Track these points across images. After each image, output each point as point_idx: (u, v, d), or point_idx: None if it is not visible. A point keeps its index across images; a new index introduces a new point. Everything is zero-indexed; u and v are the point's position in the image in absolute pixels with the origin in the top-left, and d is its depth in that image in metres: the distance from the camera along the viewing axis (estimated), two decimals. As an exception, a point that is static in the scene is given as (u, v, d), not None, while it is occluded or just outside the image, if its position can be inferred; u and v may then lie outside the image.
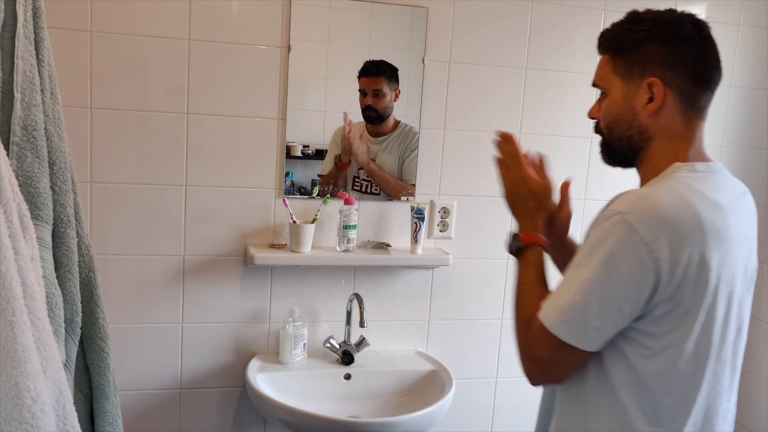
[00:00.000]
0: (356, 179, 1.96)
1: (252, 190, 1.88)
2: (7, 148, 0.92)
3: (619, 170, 1.11)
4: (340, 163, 1.94)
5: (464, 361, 2.07)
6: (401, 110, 1.96)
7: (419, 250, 1.95)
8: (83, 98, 1.72)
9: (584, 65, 2.01)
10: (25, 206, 0.80)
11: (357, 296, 1.91)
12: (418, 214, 1.93)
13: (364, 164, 1.95)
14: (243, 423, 1.98)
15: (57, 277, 0.99)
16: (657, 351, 0.94)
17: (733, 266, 0.96)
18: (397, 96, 1.94)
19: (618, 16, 1.07)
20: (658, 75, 0.98)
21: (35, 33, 0.98)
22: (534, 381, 1.02)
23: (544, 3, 1.98)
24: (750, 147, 2.24)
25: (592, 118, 1.09)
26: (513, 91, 2.01)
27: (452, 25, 1.94)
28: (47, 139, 0.99)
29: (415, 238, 1.94)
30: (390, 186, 1.97)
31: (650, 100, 0.99)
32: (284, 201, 1.88)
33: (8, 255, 0.70)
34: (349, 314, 1.96)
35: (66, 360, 1.02)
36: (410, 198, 1.99)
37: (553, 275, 1.08)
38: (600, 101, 1.06)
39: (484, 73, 1.98)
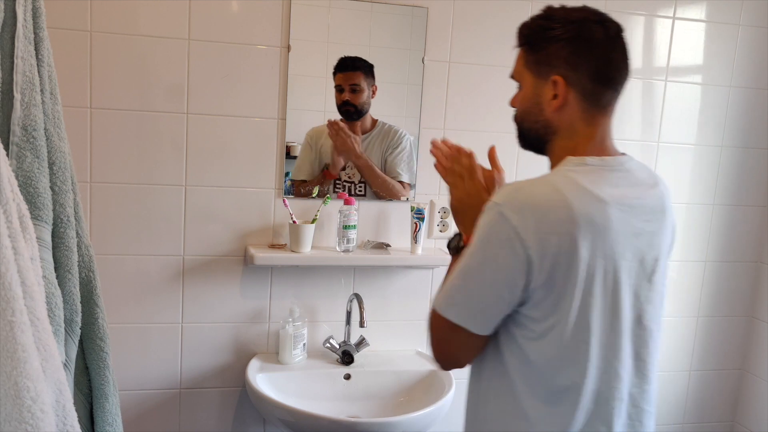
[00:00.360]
0: (338, 182, 1.96)
1: (252, 190, 1.88)
2: (7, 148, 0.92)
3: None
4: (328, 174, 1.93)
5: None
6: (401, 110, 1.96)
7: (419, 250, 1.95)
8: (83, 98, 1.72)
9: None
10: (25, 206, 0.80)
11: (357, 296, 1.91)
12: (418, 214, 1.93)
13: (357, 157, 1.93)
14: (243, 423, 1.98)
15: (57, 277, 0.99)
16: (541, 334, 0.99)
17: (617, 257, 0.99)
18: (374, 93, 1.93)
19: (618, 16, 1.08)
20: (561, 73, 1.02)
21: (35, 33, 0.98)
22: (441, 365, 1.09)
23: (544, 3, 1.98)
24: (750, 147, 2.24)
25: (512, 107, 1.13)
26: (513, 91, 1.99)
27: (452, 25, 1.94)
28: (47, 139, 0.99)
29: (415, 238, 1.94)
30: (378, 182, 1.96)
31: (555, 96, 1.03)
32: (284, 201, 1.88)
33: (8, 255, 0.70)
34: (348, 314, 1.96)
35: (66, 360, 1.02)
36: (410, 198, 1.99)
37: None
38: (517, 93, 1.12)
39: (484, 73, 1.98)
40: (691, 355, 2.32)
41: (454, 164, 1.19)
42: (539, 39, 1.05)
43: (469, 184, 1.16)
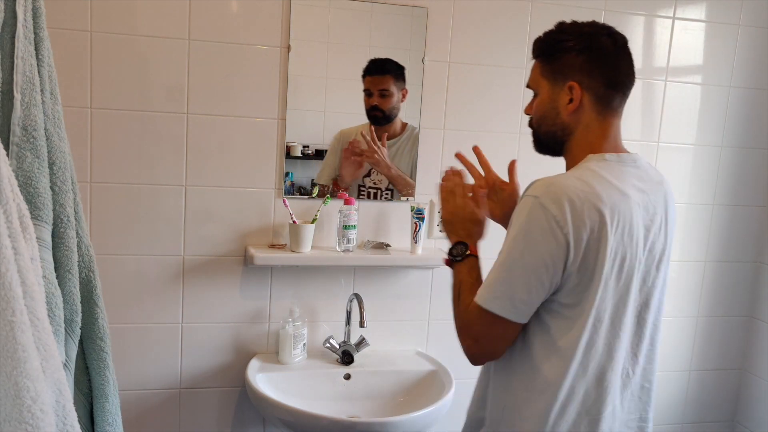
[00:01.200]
0: (362, 188, 1.96)
1: (252, 190, 1.88)
2: (7, 148, 0.92)
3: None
4: (336, 185, 1.93)
5: (464, 361, 2.05)
6: (401, 110, 1.95)
7: (419, 250, 1.95)
8: (83, 98, 1.72)
9: (584, 65, 2.01)
10: (25, 206, 0.80)
11: (357, 296, 1.91)
12: (418, 214, 1.93)
13: (388, 169, 1.94)
14: (243, 423, 1.98)
15: (57, 277, 0.99)
16: (571, 319, 1.08)
17: (635, 246, 1.09)
18: (404, 96, 1.93)
19: (618, 16, 1.09)
20: (576, 80, 1.13)
21: (35, 33, 0.98)
22: (474, 359, 1.16)
23: (544, 3, 1.98)
24: (750, 147, 2.24)
25: (527, 115, 1.23)
26: (513, 91, 2.01)
27: (452, 25, 1.94)
28: (47, 139, 0.99)
29: (415, 238, 1.94)
30: (408, 189, 1.98)
31: (570, 101, 1.14)
32: (284, 201, 1.88)
33: (8, 255, 0.70)
34: (348, 314, 1.96)
35: (66, 360, 1.02)
36: (410, 198, 1.99)
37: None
38: (532, 100, 1.21)
39: (484, 73, 1.98)
40: (690, 355, 2.32)
41: (447, 181, 1.31)
42: (554, 50, 1.16)
43: (460, 199, 1.27)
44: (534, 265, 1.05)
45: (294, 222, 1.85)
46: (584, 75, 1.12)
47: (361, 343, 1.95)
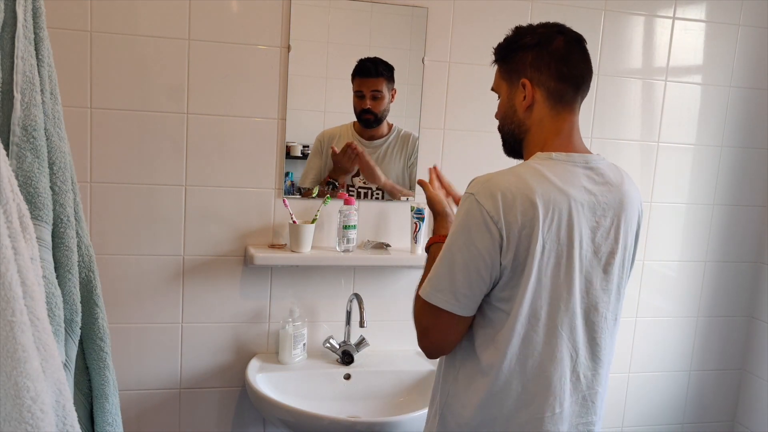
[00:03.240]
0: (351, 188, 1.95)
1: (252, 190, 1.88)
2: (7, 148, 0.92)
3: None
4: (339, 194, 1.92)
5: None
6: (401, 110, 1.96)
7: (419, 250, 1.95)
8: (83, 98, 1.72)
9: (584, 65, 2.01)
10: (25, 206, 0.80)
11: (357, 296, 1.91)
12: (418, 214, 1.93)
13: (383, 184, 1.94)
14: (243, 423, 1.98)
15: (57, 277, 0.99)
16: (508, 313, 1.10)
17: (572, 245, 1.10)
18: (393, 96, 1.93)
19: (618, 16, 1.09)
20: (528, 76, 1.16)
21: (35, 33, 0.98)
22: (427, 352, 1.18)
23: (544, 3, 1.98)
24: (750, 147, 2.24)
25: (497, 119, 1.27)
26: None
27: (452, 25, 1.94)
28: (47, 139, 0.99)
29: (415, 238, 1.94)
30: (400, 197, 1.99)
31: (524, 98, 1.16)
32: (284, 201, 1.88)
33: (8, 255, 0.70)
34: (348, 314, 1.96)
35: (66, 360, 1.02)
36: (410, 198, 1.99)
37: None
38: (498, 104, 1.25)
39: (484, 73, 1.98)
40: (691, 355, 2.33)
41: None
42: (509, 51, 1.19)
43: (427, 195, 1.36)
44: (473, 260, 1.08)
45: (294, 222, 1.85)
46: (534, 71, 1.15)
47: (361, 343, 1.95)
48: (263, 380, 1.81)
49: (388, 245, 1.96)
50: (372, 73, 1.89)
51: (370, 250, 1.94)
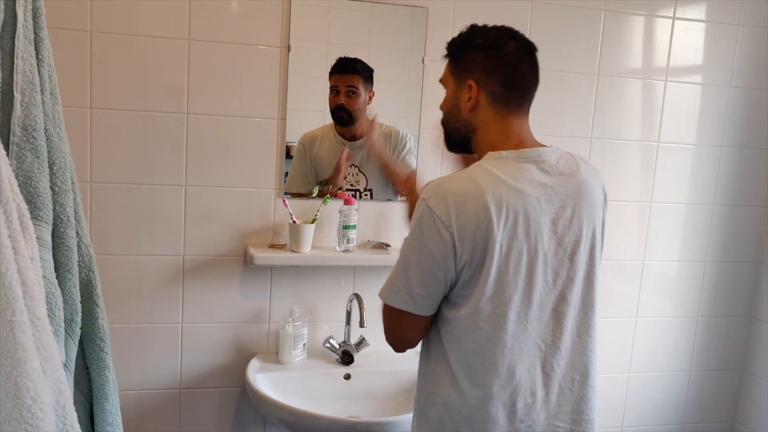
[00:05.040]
0: (339, 190, 1.95)
1: (252, 190, 1.88)
2: (7, 148, 0.92)
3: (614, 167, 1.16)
4: (329, 190, 1.92)
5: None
6: (401, 110, 1.96)
7: (419, 250, 1.94)
8: (83, 98, 1.72)
9: (584, 65, 2.01)
10: (25, 206, 0.80)
11: (357, 296, 1.91)
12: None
13: (384, 160, 1.91)
14: (243, 423, 1.98)
15: (57, 277, 0.99)
16: (465, 310, 1.12)
17: (533, 240, 1.11)
18: (370, 98, 1.91)
19: (618, 16, 1.08)
20: (475, 78, 1.16)
21: (35, 33, 0.98)
22: (393, 347, 1.24)
23: (544, 3, 1.98)
24: (750, 147, 2.24)
25: (441, 110, 1.27)
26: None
27: (452, 26, 1.94)
28: (47, 139, 0.99)
29: (415, 238, 1.94)
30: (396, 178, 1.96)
31: (469, 99, 1.17)
32: (284, 201, 1.88)
33: (8, 255, 0.70)
34: (348, 314, 1.96)
35: (66, 360, 1.02)
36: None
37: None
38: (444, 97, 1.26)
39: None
40: (691, 355, 2.33)
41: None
42: (461, 49, 1.20)
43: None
44: (426, 263, 1.11)
45: (294, 222, 1.85)
46: (482, 74, 1.16)
47: (361, 343, 1.95)
48: (263, 380, 1.81)
49: (388, 245, 1.96)
50: (349, 70, 1.87)
51: (370, 250, 1.94)
